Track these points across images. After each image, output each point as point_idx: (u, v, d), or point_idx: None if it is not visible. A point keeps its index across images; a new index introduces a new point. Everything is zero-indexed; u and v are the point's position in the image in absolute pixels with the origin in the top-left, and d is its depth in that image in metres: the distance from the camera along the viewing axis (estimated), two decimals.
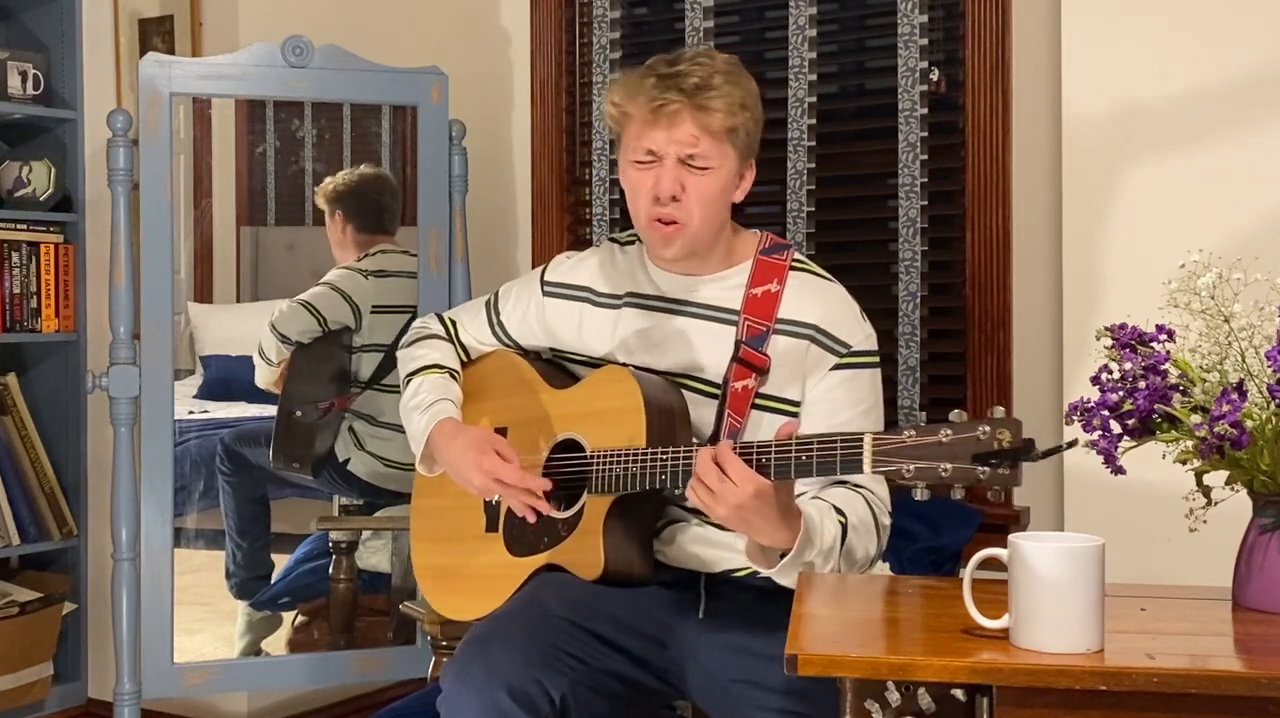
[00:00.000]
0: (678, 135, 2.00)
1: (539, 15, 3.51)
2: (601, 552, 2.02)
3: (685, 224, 2.03)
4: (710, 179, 2.02)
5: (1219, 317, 1.66)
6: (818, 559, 1.86)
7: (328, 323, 3.20)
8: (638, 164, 2.04)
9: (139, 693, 2.84)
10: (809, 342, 2.04)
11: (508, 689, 1.83)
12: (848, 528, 1.91)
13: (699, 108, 1.98)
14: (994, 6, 2.91)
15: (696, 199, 2.02)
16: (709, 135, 2.00)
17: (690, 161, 2.01)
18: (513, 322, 2.28)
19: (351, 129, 3.37)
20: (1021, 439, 1.62)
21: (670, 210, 2.02)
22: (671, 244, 2.05)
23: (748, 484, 1.77)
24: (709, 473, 1.78)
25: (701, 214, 2.03)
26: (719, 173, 2.03)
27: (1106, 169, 2.60)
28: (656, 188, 2.01)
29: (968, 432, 1.64)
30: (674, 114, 1.99)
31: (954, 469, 1.64)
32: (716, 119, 1.99)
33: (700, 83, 1.98)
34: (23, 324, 3.24)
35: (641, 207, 2.05)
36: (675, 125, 2.00)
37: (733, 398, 2.02)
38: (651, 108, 1.99)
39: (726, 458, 1.78)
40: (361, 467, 3.25)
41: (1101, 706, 1.42)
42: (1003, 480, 1.62)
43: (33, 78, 3.25)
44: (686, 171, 2.01)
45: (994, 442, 1.62)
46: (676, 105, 1.98)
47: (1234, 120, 2.47)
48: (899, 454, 1.68)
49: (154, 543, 2.83)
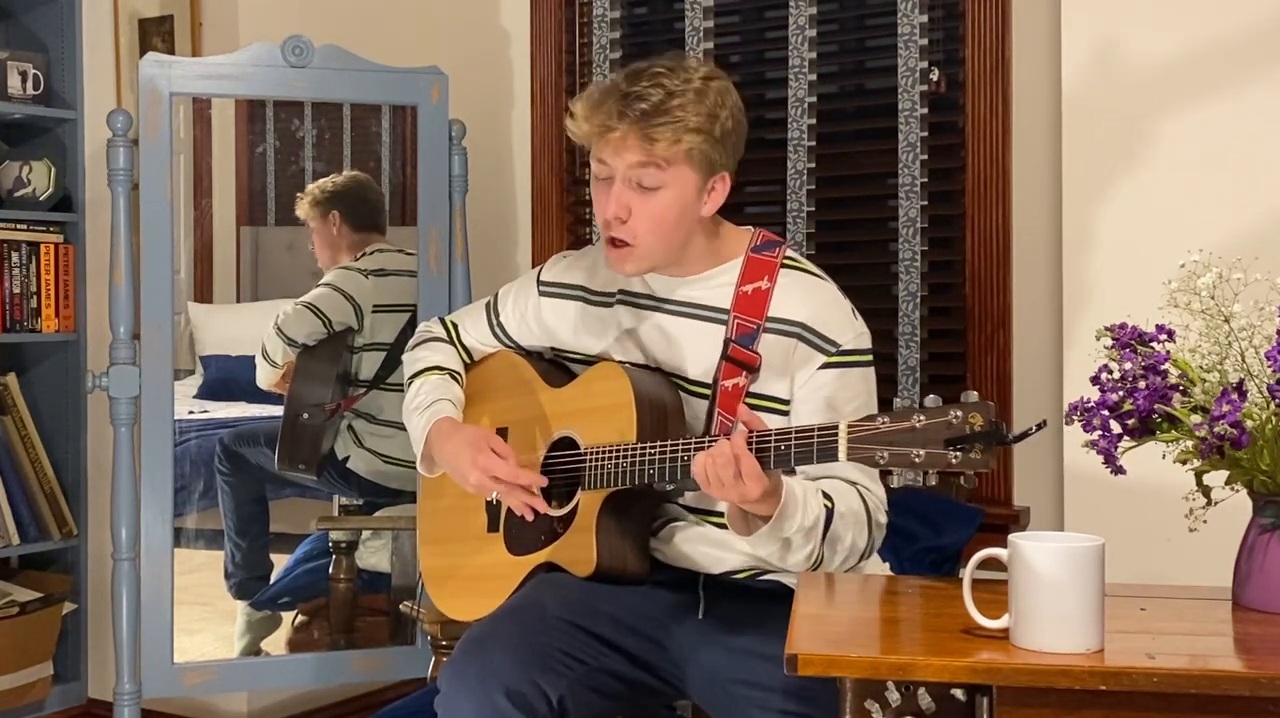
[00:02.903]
0: (625, 158, 1.98)
1: (539, 15, 3.51)
2: (594, 548, 2.02)
3: (633, 245, 2.03)
4: (660, 200, 2.00)
5: (1219, 317, 1.66)
6: (797, 537, 1.86)
7: (333, 324, 3.21)
8: (595, 177, 2.05)
9: (139, 693, 2.84)
10: (797, 339, 2.03)
11: (504, 691, 1.83)
12: (833, 513, 1.91)
13: (644, 136, 1.96)
14: (994, 6, 2.91)
15: (644, 220, 2.00)
16: (654, 161, 1.97)
17: (639, 182, 2.00)
18: (512, 322, 2.29)
19: (351, 129, 3.37)
20: (992, 423, 1.63)
21: (618, 232, 2.02)
22: (623, 264, 2.06)
23: (756, 486, 1.77)
24: (726, 467, 1.78)
25: (652, 235, 2.01)
26: (670, 192, 1.99)
27: (1106, 169, 2.60)
28: (604, 208, 2.02)
29: (940, 417, 1.65)
30: (619, 139, 1.98)
31: (927, 454, 1.65)
32: (660, 147, 1.96)
33: (651, 107, 1.95)
34: (23, 324, 3.24)
35: (601, 223, 2.06)
36: (621, 150, 1.98)
37: (723, 396, 2.02)
38: (598, 130, 1.99)
39: (745, 459, 1.78)
40: (361, 464, 3.26)
41: (1101, 706, 1.43)
42: (975, 464, 1.64)
43: (33, 78, 3.25)
44: (635, 192, 2.00)
45: (966, 426, 1.63)
46: (621, 131, 1.97)
47: (1234, 121, 2.47)
48: (873, 441, 1.69)
49: (154, 543, 2.83)
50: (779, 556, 1.89)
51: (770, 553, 1.89)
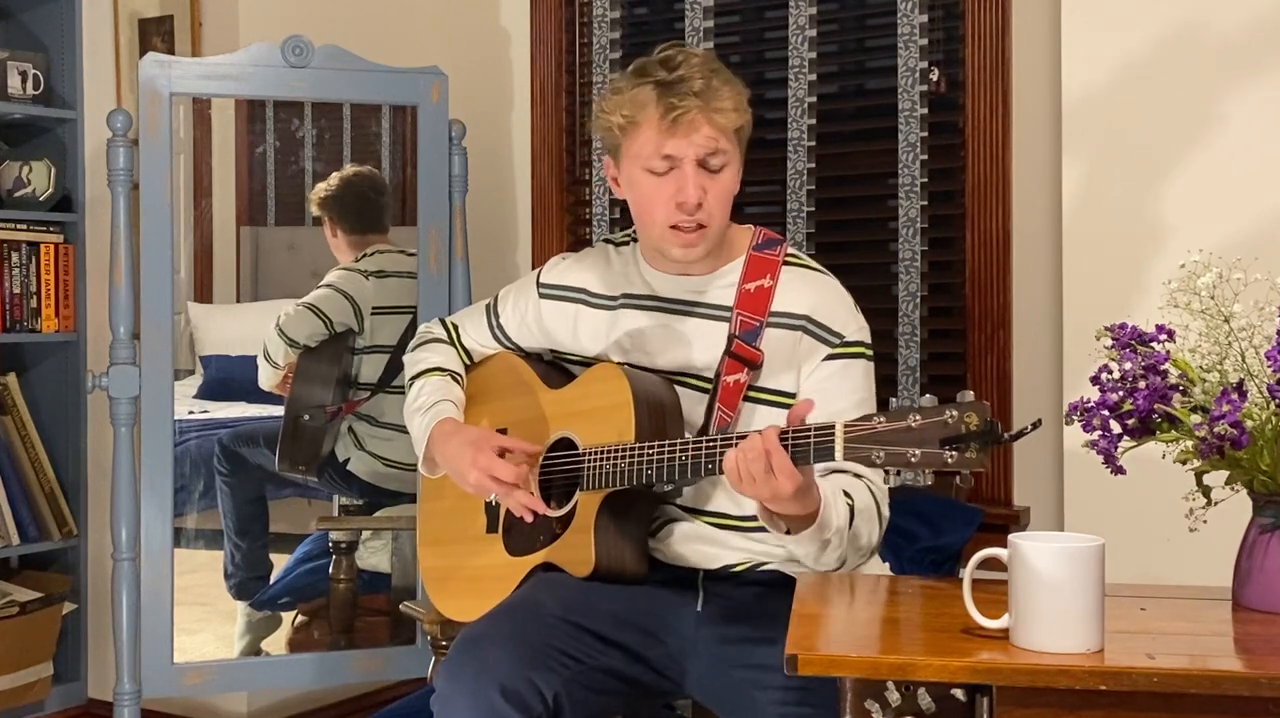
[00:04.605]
0: (696, 139, 2.01)
1: (539, 15, 3.51)
2: (592, 549, 2.02)
3: (709, 226, 2.05)
4: (726, 177, 2.05)
5: (1219, 317, 1.66)
6: (834, 538, 1.86)
7: (334, 325, 3.21)
8: (652, 172, 2.04)
9: (139, 693, 2.84)
10: (801, 332, 2.05)
11: (500, 688, 1.83)
12: (854, 511, 1.91)
13: (713, 110, 2.00)
14: (994, 6, 2.91)
15: (717, 200, 2.05)
16: (724, 135, 2.03)
17: (707, 163, 2.02)
18: (511, 324, 2.29)
19: (351, 129, 3.37)
20: (987, 423, 1.63)
21: (698, 216, 2.04)
22: (695, 248, 2.07)
23: (789, 482, 1.76)
24: (757, 462, 1.77)
25: (721, 213, 2.07)
26: (731, 170, 2.06)
27: (1106, 169, 2.60)
28: (680, 194, 2.02)
29: (936, 416, 1.65)
30: (691, 120, 2.00)
31: (923, 454, 1.65)
32: (730, 118, 2.02)
33: (704, 86, 2.00)
34: (23, 324, 3.24)
35: (660, 215, 2.05)
36: (694, 130, 2.01)
37: (724, 392, 2.02)
38: (669, 116, 2.00)
39: (777, 453, 1.77)
40: (361, 467, 3.26)
41: (1101, 706, 1.42)
42: (970, 464, 1.64)
43: (33, 78, 3.25)
44: (704, 174, 2.03)
45: (962, 425, 1.63)
46: (693, 111, 2.00)
47: (1235, 121, 2.48)
48: (870, 440, 1.70)
49: (154, 543, 2.83)
50: (814, 556, 1.89)
51: (807, 554, 1.88)
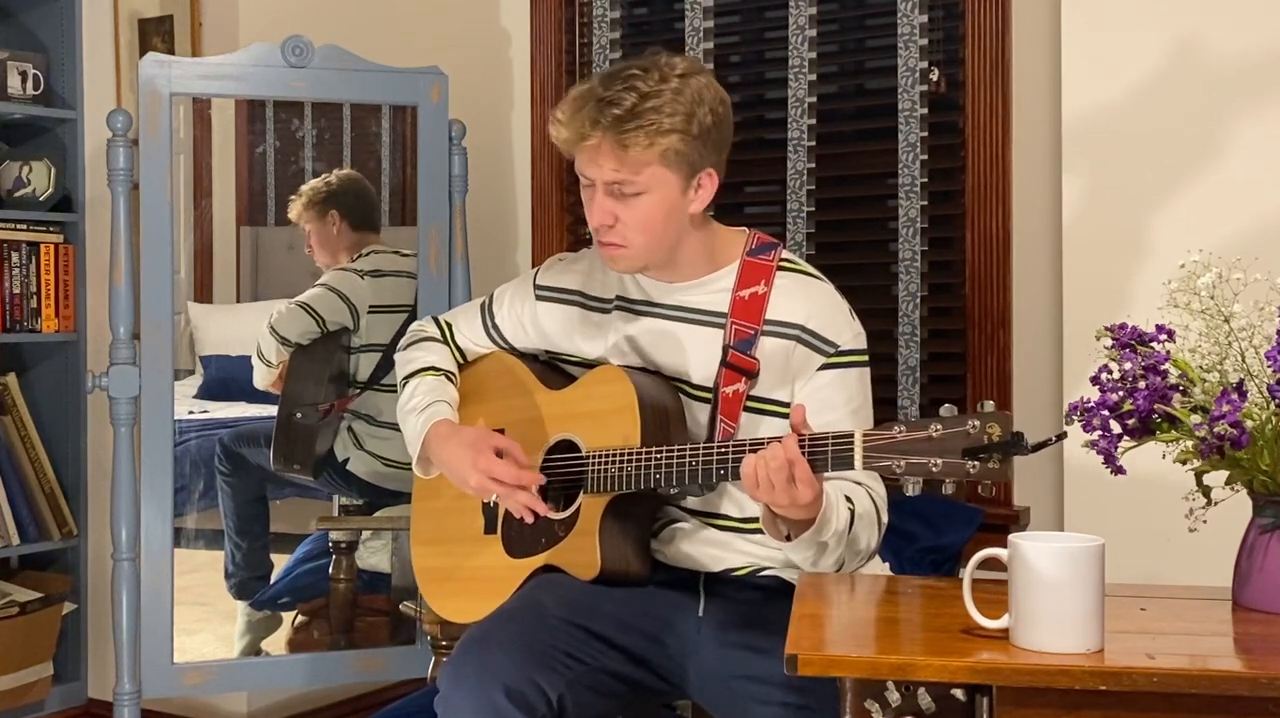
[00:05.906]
0: (601, 166, 1.98)
1: (539, 15, 3.51)
2: (598, 552, 2.02)
3: (625, 247, 2.02)
4: (643, 205, 1.99)
5: (1219, 317, 1.66)
6: (833, 540, 1.86)
7: (327, 324, 3.20)
8: (580, 184, 2.05)
9: (139, 693, 2.84)
10: (795, 342, 2.03)
11: (504, 690, 1.83)
12: (855, 515, 1.91)
13: (617, 143, 1.94)
14: (994, 6, 2.90)
15: (631, 225, 2.00)
16: (629, 166, 1.96)
17: (617, 191, 1.99)
18: (507, 324, 2.28)
19: (351, 129, 3.37)
20: (1011, 433, 1.61)
21: (607, 237, 2.02)
22: (617, 264, 2.06)
23: (809, 491, 1.75)
24: (780, 472, 1.75)
25: (641, 237, 2.01)
26: (651, 197, 1.99)
27: (1106, 169, 2.60)
28: (589, 215, 2.03)
29: (957, 426, 1.63)
30: (594, 149, 1.97)
31: (944, 464, 1.64)
32: (634, 153, 1.95)
33: (624, 113, 1.93)
34: (23, 324, 3.24)
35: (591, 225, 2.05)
36: (596, 159, 1.98)
37: (724, 403, 2.01)
38: (575, 139, 1.98)
39: (800, 463, 1.75)
40: (361, 466, 3.25)
41: (1101, 706, 1.42)
42: (993, 474, 1.62)
43: (33, 78, 3.25)
44: (616, 200, 1.99)
45: (984, 436, 1.62)
46: (595, 140, 1.96)
47: (1234, 120, 2.47)
48: (890, 450, 1.68)
49: (154, 543, 2.83)
50: (811, 560, 1.89)
51: (804, 558, 1.88)
